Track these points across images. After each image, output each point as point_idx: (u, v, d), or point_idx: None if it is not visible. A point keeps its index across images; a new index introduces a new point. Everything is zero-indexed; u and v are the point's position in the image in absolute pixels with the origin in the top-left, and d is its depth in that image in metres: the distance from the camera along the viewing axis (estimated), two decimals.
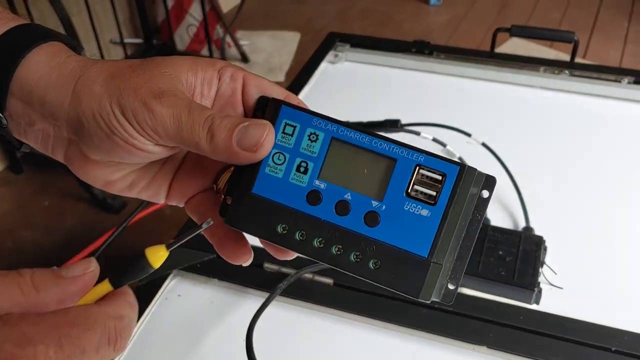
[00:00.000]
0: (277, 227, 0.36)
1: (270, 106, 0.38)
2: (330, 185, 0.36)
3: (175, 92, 0.35)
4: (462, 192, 0.35)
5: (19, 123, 0.37)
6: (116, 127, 0.34)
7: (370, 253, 0.35)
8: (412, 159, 0.35)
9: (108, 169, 0.38)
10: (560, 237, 0.75)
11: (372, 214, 0.35)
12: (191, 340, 0.67)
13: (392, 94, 1.06)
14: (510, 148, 0.87)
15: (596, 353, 0.62)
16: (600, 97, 1.02)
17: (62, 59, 0.37)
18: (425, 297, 0.34)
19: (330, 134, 0.36)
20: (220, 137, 0.34)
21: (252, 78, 0.39)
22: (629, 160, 0.90)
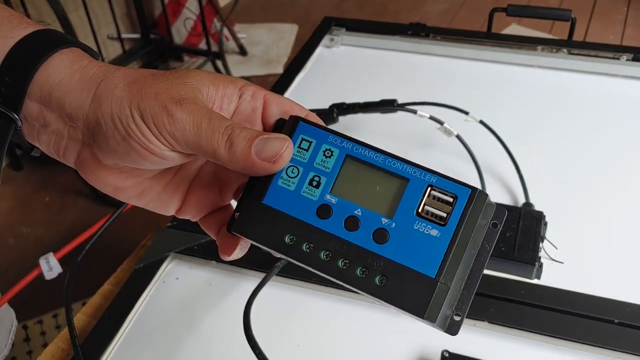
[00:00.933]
0: (284, 237, 0.36)
1: (289, 122, 0.38)
2: (341, 200, 0.36)
3: (196, 100, 0.36)
4: (473, 215, 0.35)
5: (32, 125, 0.38)
6: (134, 130, 0.35)
7: (377, 269, 0.35)
8: (425, 179, 0.36)
9: (120, 175, 0.38)
10: (560, 213, 0.75)
11: (381, 231, 0.35)
12: (190, 321, 0.67)
13: (389, 76, 1.05)
14: (509, 126, 0.86)
15: (599, 325, 0.62)
16: (599, 75, 1.01)
17: (84, 63, 0.37)
18: (430, 317, 0.34)
19: (345, 151, 0.37)
20: (240, 146, 0.35)
21: (274, 97, 0.39)
22: (627, 137, 0.89)
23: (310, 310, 0.67)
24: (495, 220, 0.35)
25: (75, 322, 0.67)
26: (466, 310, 0.35)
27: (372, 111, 0.83)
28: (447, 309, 0.35)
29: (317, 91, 1.02)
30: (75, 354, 0.62)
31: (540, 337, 0.62)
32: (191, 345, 0.64)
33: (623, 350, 0.60)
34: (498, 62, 1.05)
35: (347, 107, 0.84)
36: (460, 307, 0.35)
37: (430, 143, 0.86)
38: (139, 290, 0.69)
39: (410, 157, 0.37)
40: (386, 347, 0.63)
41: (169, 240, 0.73)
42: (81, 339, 0.65)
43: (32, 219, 2.01)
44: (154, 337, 0.66)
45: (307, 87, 1.02)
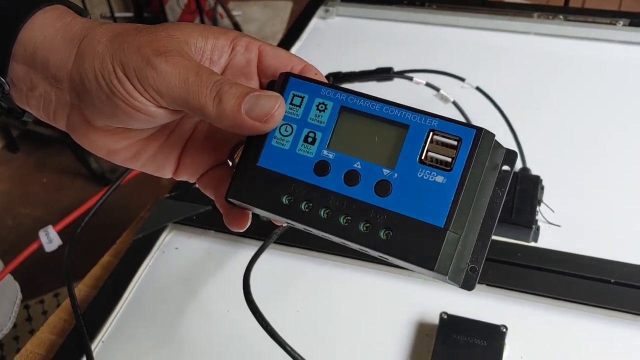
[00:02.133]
0: (281, 198, 0.34)
1: (279, 79, 0.36)
2: (339, 155, 0.34)
3: (182, 53, 0.34)
4: (480, 158, 0.32)
5: (20, 89, 0.36)
6: (116, 86, 0.33)
7: (381, 222, 0.32)
8: (425, 124, 0.33)
9: (112, 137, 0.36)
10: (557, 177, 0.75)
11: (383, 183, 0.33)
12: (190, 290, 0.67)
13: (385, 46, 1.05)
14: (506, 93, 0.86)
15: (596, 285, 0.62)
16: (596, 41, 1.01)
17: (67, 21, 0.36)
18: (441, 269, 0.32)
19: (340, 103, 0.35)
20: (229, 103, 0.33)
21: (269, 48, 0.37)
22: (623, 101, 0.89)
23: (309, 277, 0.67)
24: (507, 163, 0.33)
25: (77, 293, 0.67)
26: (482, 262, 0.33)
27: (368, 79, 0.83)
28: (460, 261, 0.33)
29: (313, 62, 1.00)
30: (77, 323, 0.62)
31: (537, 298, 0.63)
32: (192, 313, 0.65)
33: (619, 309, 0.60)
34: (494, 30, 1.05)
35: (343, 76, 0.84)
36: (475, 260, 0.33)
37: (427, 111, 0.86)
38: (139, 261, 0.69)
39: None
40: (385, 311, 0.63)
41: (168, 211, 0.73)
42: (82, 310, 0.65)
43: (30, 200, 2.01)
44: (154, 307, 0.66)
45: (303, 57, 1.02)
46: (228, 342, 0.62)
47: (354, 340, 0.62)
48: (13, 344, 1.54)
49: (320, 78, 0.38)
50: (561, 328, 0.61)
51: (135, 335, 0.64)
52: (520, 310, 0.62)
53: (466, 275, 0.33)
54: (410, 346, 0.60)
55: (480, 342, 0.57)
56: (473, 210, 0.33)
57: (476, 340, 0.57)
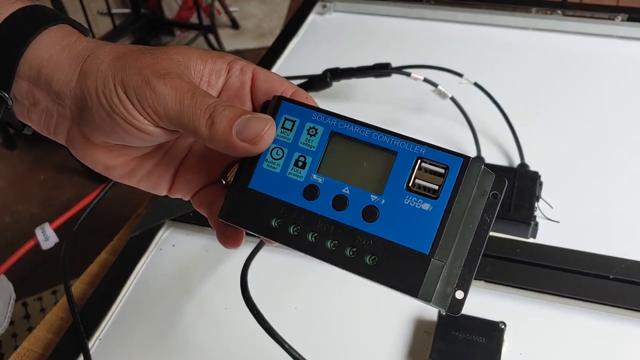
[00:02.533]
0: (270, 221, 0.35)
1: (272, 102, 0.37)
2: (328, 180, 0.35)
3: (181, 75, 0.35)
4: (467, 186, 0.33)
5: (22, 104, 0.37)
6: (117, 105, 0.34)
7: (367, 248, 0.33)
8: (413, 152, 0.34)
9: (109, 153, 0.38)
10: (556, 173, 0.75)
11: (370, 209, 0.34)
12: (187, 287, 0.67)
13: (383, 42, 1.04)
14: (504, 88, 0.86)
15: (595, 281, 0.62)
16: (594, 36, 1.01)
17: (73, 40, 0.37)
18: (425, 296, 0.32)
19: (330, 128, 0.36)
20: (221, 125, 0.34)
21: (262, 73, 0.39)
22: (622, 97, 0.89)
23: (306, 274, 0.67)
24: (495, 190, 0.34)
25: (73, 291, 0.67)
26: (468, 287, 0.33)
27: (366, 75, 0.83)
28: (446, 286, 0.33)
29: (310, 58, 1.01)
30: (74, 321, 0.62)
31: (536, 294, 0.62)
32: (189, 310, 0.65)
33: (618, 305, 0.60)
34: (492, 25, 1.04)
35: (341, 72, 0.84)
36: (462, 285, 0.33)
37: (425, 107, 0.85)
38: (136, 258, 0.69)
39: (405, 122, 0.36)
40: (383, 308, 0.63)
41: (165, 208, 0.73)
42: (79, 307, 0.65)
43: (28, 197, 2.01)
44: (152, 304, 0.66)
45: (300, 54, 1.01)
46: (225, 339, 0.62)
47: (352, 338, 0.61)
48: (11, 341, 1.53)
49: (310, 102, 0.38)
50: (560, 324, 0.60)
51: (133, 333, 0.63)
52: (519, 306, 0.62)
53: (452, 300, 0.33)
54: (408, 343, 0.60)
55: (478, 339, 0.57)
56: (460, 237, 0.33)
57: (475, 337, 0.57)
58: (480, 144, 0.78)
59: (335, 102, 0.88)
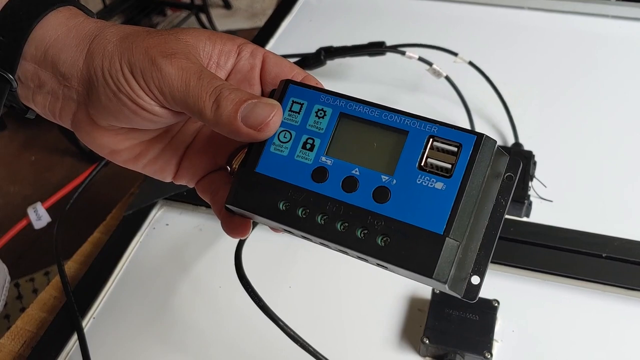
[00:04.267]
0: (278, 204, 0.34)
1: (279, 86, 0.36)
2: (337, 161, 0.34)
3: (188, 56, 0.35)
4: (481, 164, 0.32)
5: (27, 86, 0.37)
6: (123, 84, 0.34)
7: (379, 229, 0.32)
8: (425, 130, 0.33)
9: (115, 137, 0.37)
10: (549, 152, 0.75)
11: (381, 189, 0.33)
12: (181, 266, 0.67)
13: (377, 20, 1.03)
14: (498, 68, 0.85)
15: (587, 259, 0.62)
16: (589, 15, 1.00)
17: (80, 20, 0.37)
18: (440, 276, 0.31)
19: (339, 110, 0.35)
20: (226, 109, 0.33)
21: (272, 57, 0.38)
22: (616, 76, 0.88)
23: (301, 253, 0.67)
24: (510, 172, 0.33)
25: (67, 270, 0.67)
26: (485, 272, 0.32)
27: (360, 54, 0.82)
28: (461, 270, 0.32)
29: (304, 37, 1.00)
30: (68, 300, 0.62)
31: (529, 272, 0.63)
32: (183, 289, 0.65)
33: (610, 283, 0.61)
34: (487, 5, 1.03)
35: (335, 51, 0.83)
36: (478, 270, 0.32)
37: (419, 86, 0.85)
38: (129, 237, 0.69)
39: (400, 101, 0.35)
40: (377, 287, 0.63)
41: (158, 187, 0.73)
42: (72, 286, 0.65)
43: (18, 178, 1.99)
44: (145, 283, 0.66)
45: (294, 33, 1.01)
46: (220, 317, 0.62)
47: (346, 316, 0.62)
48: (4, 322, 1.53)
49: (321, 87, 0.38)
50: (553, 302, 0.61)
51: (126, 311, 0.63)
52: (512, 284, 0.62)
53: (468, 285, 0.33)
54: (403, 321, 0.60)
55: (472, 316, 0.57)
56: (474, 219, 0.32)
57: (468, 315, 0.57)
58: (474, 123, 0.78)
59: (329, 81, 0.87)
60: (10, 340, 0.63)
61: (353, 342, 0.59)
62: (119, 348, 0.60)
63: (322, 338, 0.55)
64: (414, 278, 0.33)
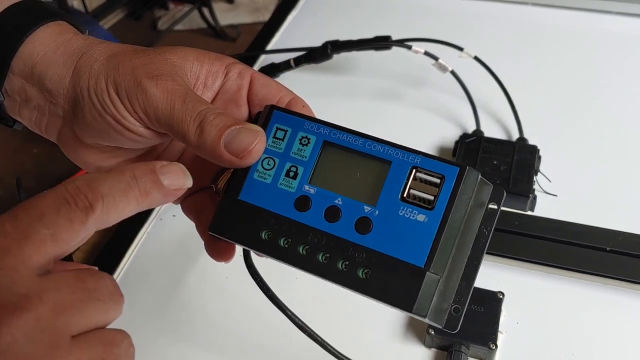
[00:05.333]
0: (260, 233, 0.34)
1: (263, 112, 0.36)
2: (320, 190, 0.34)
3: (175, 77, 0.34)
4: (463, 196, 0.32)
5: (14, 100, 0.37)
6: (108, 104, 0.34)
7: (360, 261, 0.32)
8: (408, 161, 0.33)
9: (100, 154, 0.37)
10: (554, 148, 0.75)
11: (364, 220, 0.33)
12: (188, 257, 0.67)
13: (383, 15, 1.04)
14: (503, 63, 0.85)
15: (592, 253, 0.63)
16: (594, 12, 1.00)
17: (69, 37, 0.36)
18: (420, 311, 0.31)
19: (322, 137, 0.35)
20: (209, 135, 0.33)
21: (260, 77, 0.38)
22: (619, 71, 0.89)
23: None
24: (493, 201, 0.33)
25: (74, 259, 0.67)
26: (466, 303, 0.33)
27: (366, 48, 0.82)
28: (442, 301, 0.32)
29: (309, 31, 1.00)
30: None
31: (534, 265, 0.63)
32: (190, 279, 0.65)
33: (614, 276, 0.61)
34: (493, 0, 1.04)
35: (341, 44, 0.83)
36: (459, 300, 0.33)
37: (425, 80, 0.85)
38: (136, 228, 0.69)
39: (405, 96, 0.35)
40: None
41: None
42: None
43: (21, 171, 2.00)
44: (153, 273, 0.66)
45: (299, 27, 1.01)
46: (227, 308, 0.63)
47: (351, 309, 0.62)
48: None
49: (307, 111, 0.38)
50: (557, 295, 0.61)
51: (134, 301, 0.64)
52: (517, 277, 0.63)
53: (449, 315, 0.33)
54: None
55: (477, 308, 0.58)
56: (456, 250, 0.32)
57: (473, 306, 0.58)
58: (479, 118, 0.78)
59: (334, 75, 0.88)
60: None
61: (359, 333, 0.60)
62: None
63: (328, 329, 0.55)
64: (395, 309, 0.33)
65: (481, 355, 0.56)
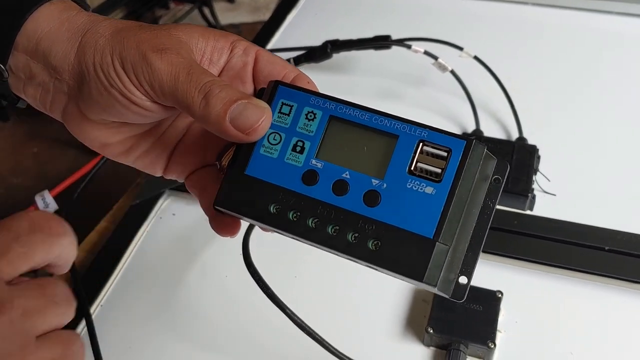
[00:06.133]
0: (269, 207, 0.34)
1: (268, 87, 0.36)
2: (327, 165, 0.34)
3: (180, 50, 0.34)
4: (470, 169, 0.32)
5: (19, 77, 0.37)
6: (114, 79, 0.34)
7: (370, 233, 0.32)
8: (415, 135, 0.34)
9: (107, 130, 0.37)
10: (553, 147, 0.75)
11: (372, 193, 0.33)
12: (187, 256, 0.67)
13: (383, 14, 1.04)
14: (503, 62, 0.86)
15: (590, 252, 0.63)
16: (593, 12, 1.00)
17: (73, 13, 0.37)
18: (430, 280, 0.32)
19: (329, 112, 0.35)
20: (215, 108, 0.33)
21: (265, 54, 0.38)
22: (621, 72, 0.89)
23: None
24: (498, 175, 0.33)
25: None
26: (472, 273, 0.33)
27: (366, 47, 0.83)
28: (450, 272, 0.33)
29: (310, 30, 1.00)
30: (76, 286, 0.63)
31: (533, 264, 0.63)
32: (189, 278, 0.65)
33: (613, 275, 0.61)
34: (492, 0, 1.04)
35: (341, 44, 0.83)
36: (465, 270, 0.33)
37: (424, 80, 0.85)
38: (136, 227, 0.69)
39: (405, 95, 0.36)
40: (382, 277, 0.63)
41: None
42: (79, 275, 0.65)
43: (21, 170, 2.00)
44: (152, 272, 0.67)
45: (299, 27, 1.01)
46: (226, 306, 0.63)
47: (351, 307, 0.62)
48: None
49: (312, 86, 0.38)
50: (555, 294, 0.61)
51: (134, 299, 0.64)
52: (516, 276, 0.63)
53: (456, 285, 0.33)
54: (407, 312, 0.61)
55: (476, 307, 0.58)
56: (463, 221, 0.33)
57: (472, 306, 0.58)
58: (479, 117, 0.78)
59: (334, 75, 0.88)
60: None
61: (358, 332, 0.60)
62: (126, 335, 0.61)
63: (328, 328, 0.55)
64: (404, 280, 0.34)
65: (480, 354, 0.56)
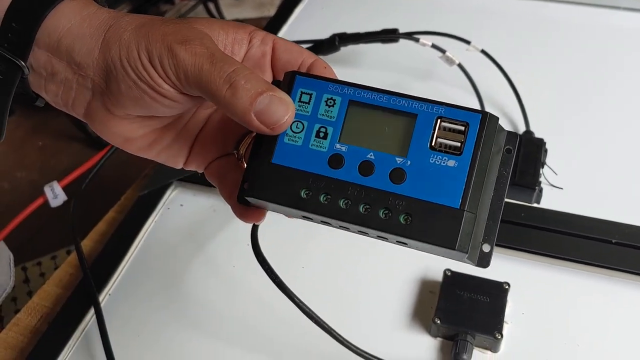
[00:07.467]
0: (300, 192, 0.35)
1: (285, 79, 0.37)
2: (351, 147, 0.36)
3: (203, 41, 0.35)
4: (487, 140, 0.34)
5: (39, 74, 0.37)
6: (142, 73, 0.34)
7: (400, 208, 0.34)
8: (433, 112, 0.35)
9: (130, 125, 0.38)
10: (561, 140, 0.75)
11: (397, 171, 0.35)
12: (195, 246, 0.68)
13: (390, 7, 1.03)
14: (510, 56, 0.86)
15: (597, 245, 0.63)
16: (600, 7, 1.00)
17: (93, 10, 0.37)
18: (462, 247, 0.33)
19: (348, 97, 0.36)
20: (241, 100, 0.34)
21: (282, 43, 0.39)
22: (627, 67, 0.89)
23: (314, 234, 0.68)
24: (509, 145, 0.35)
25: (82, 248, 0.68)
26: (494, 240, 0.35)
27: (374, 41, 0.83)
28: (476, 240, 0.34)
29: (317, 24, 1.00)
30: (85, 275, 0.63)
31: (540, 257, 0.63)
32: (197, 268, 0.66)
33: (620, 268, 0.61)
34: None
35: (348, 37, 0.84)
36: (487, 239, 0.35)
37: (432, 74, 0.85)
38: (144, 217, 0.70)
39: (412, 89, 0.36)
40: (390, 269, 0.64)
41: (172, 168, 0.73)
42: (88, 264, 0.66)
43: (26, 164, 2.00)
44: (160, 262, 0.67)
45: (306, 20, 1.01)
46: (233, 296, 0.63)
47: (359, 298, 0.63)
48: (11, 305, 1.55)
49: (329, 72, 0.39)
50: (562, 286, 0.62)
51: (142, 288, 0.64)
52: (523, 268, 0.63)
53: (480, 253, 0.35)
54: (414, 302, 0.61)
55: (483, 298, 0.58)
56: (484, 190, 0.34)
57: (479, 296, 0.58)
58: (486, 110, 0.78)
59: (342, 68, 0.88)
60: (27, 315, 0.64)
61: (366, 322, 0.60)
62: (135, 323, 0.61)
63: (335, 318, 0.56)
64: (434, 251, 0.35)
65: (487, 345, 0.56)
